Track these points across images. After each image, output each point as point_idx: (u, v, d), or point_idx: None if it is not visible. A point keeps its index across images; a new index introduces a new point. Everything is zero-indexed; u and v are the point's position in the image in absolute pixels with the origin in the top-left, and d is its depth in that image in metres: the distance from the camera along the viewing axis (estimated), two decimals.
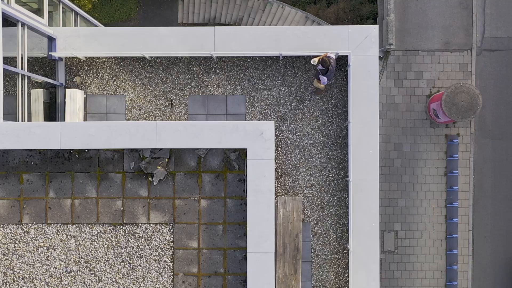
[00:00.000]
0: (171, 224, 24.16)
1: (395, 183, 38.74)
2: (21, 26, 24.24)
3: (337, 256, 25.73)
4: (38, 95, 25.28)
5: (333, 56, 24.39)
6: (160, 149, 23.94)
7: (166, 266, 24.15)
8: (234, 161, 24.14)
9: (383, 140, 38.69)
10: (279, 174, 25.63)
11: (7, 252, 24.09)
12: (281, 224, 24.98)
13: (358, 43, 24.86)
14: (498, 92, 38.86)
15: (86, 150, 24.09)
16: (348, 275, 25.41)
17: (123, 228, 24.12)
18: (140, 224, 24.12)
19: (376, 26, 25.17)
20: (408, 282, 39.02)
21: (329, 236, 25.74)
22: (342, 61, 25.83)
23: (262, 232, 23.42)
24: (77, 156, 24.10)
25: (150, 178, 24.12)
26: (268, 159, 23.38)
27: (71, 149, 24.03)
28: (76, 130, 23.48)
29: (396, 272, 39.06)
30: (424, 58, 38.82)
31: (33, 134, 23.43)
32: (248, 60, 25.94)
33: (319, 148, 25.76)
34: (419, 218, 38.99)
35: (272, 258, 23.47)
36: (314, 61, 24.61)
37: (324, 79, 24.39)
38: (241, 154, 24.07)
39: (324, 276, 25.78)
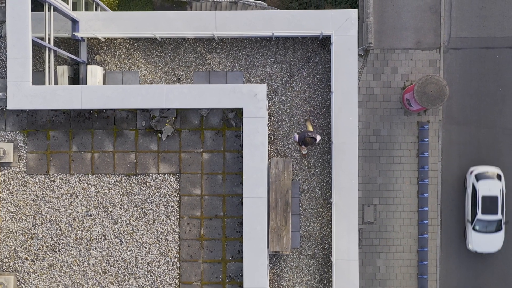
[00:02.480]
0: (178, 174, 24.06)
1: (374, 163, 38.56)
2: (48, 8, 24.06)
3: (322, 210, 25.51)
4: (64, 70, 25.13)
5: (318, 138, 24.47)
6: (168, 109, 23.83)
7: (173, 210, 24.04)
8: (232, 120, 24.04)
9: (363, 127, 38.58)
10: (272, 139, 25.43)
11: (36, 198, 23.98)
12: (273, 182, 24.79)
13: (340, 25, 24.74)
14: (463, 84, 38.75)
15: (104, 110, 24.00)
16: (331, 226, 25.16)
17: (136, 177, 24.01)
18: (150, 174, 24.02)
19: (355, 10, 25.04)
20: (385, 248, 38.81)
21: (315, 193, 25.52)
22: (326, 42, 25.66)
23: (256, 180, 23.31)
24: (96, 115, 24.01)
25: (159, 135, 24.06)
26: (261, 117, 23.27)
27: (91, 109, 23.95)
28: (95, 92, 23.38)
29: (375, 240, 38.86)
30: (399, 55, 38.71)
31: (58, 96, 23.33)
32: (245, 41, 25.83)
33: (306, 116, 25.58)
34: (394, 193, 38.79)
35: (264, 202, 23.34)
36: (295, 137, 24.72)
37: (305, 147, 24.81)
38: (238, 113, 23.98)
39: (311, 227, 25.55)
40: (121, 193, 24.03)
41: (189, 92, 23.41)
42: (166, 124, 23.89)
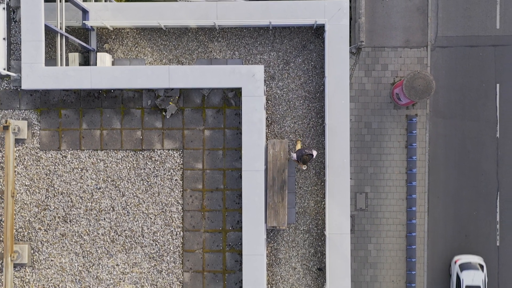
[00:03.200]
0: (181, 150, 24.16)
1: (366, 154, 38.67)
2: None
3: (316, 188, 25.62)
4: (75, 57, 25.29)
5: (314, 154, 24.60)
6: (172, 89, 23.95)
7: (177, 183, 24.11)
8: (232, 99, 24.17)
9: (355, 120, 38.72)
10: (269, 122, 25.58)
11: (48, 172, 24.09)
12: (271, 161, 24.92)
13: (333, 14, 24.88)
14: (448, 80, 38.90)
15: (112, 90, 24.13)
16: (325, 203, 25.24)
17: (142, 153, 24.11)
18: (156, 150, 24.12)
19: (347, 1, 25.18)
20: (376, 233, 38.88)
21: (309, 172, 25.64)
22: (320, 31, 25.84)
23: (254, 154, 23.41)
24: (104, 95, 24.14)
25: (163, 113, 24.14)
26: (259, 96, 23.38)
27: (100, 89, 24.05)
28: (103, 73, 23.56)
29: (366, 225, 38.92)
30: (389, 53, 38.88)
31: (69, 76, 23.50)
32: (244, 30, 25.97)
33: (301, 101, 25.72)
34: (385, 182, 38.89)
35: (262, 176, 23.44)
36: (293, 156, 24.85)
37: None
38: (237, 93, 24.10)
39: (306, 204, 25.65)
40: (128, 167, 24.13)
41: (191, 73, 23.56)
42: (170, 103, 23.99)
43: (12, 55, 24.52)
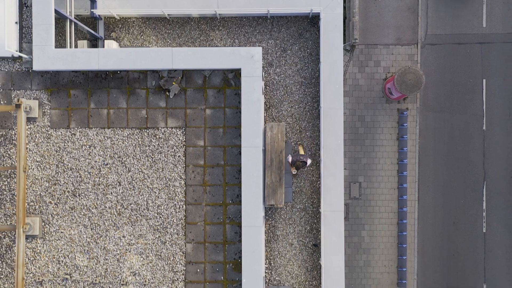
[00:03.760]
0: (184, 128, 24.25)
1: (359, 145, 38.76)
2: None
3: (311, 168, 25.76)
4: (83, 45, 25.45)
5: (308, 162, 24.78)
6: (175, 70, 24.07)
7: (180, 159, 24.20)
8: (232, 80, 24.29)
9: (350, 113, 38.83)
10: (267, 106, 25.73)
11: (58, 149, 24.19)
12: (269, 143, 25.05)
13: (328, 3, 25.05)
14: (438, 76, 39.04)
15: (118, 72, 24.23)
16: (320, 182, 25.34)
17: (147, 131, 24.22)
18: (160, 128, 24.21)
19: None
20: (369, 221, 38.91)
21: (305, 153, 25.70)
22: (315, 20, 26.02)
23: (252, 131, 23.49)
24: (111, 76, 24.26)
25: (167, 93, 24.25)
26: (257, 76, 23.51)
27: (107, 71, 24.16)
28: (110, 54, 23.70)
29: (360, 213, 38.97)
30: (381, 50, 39.02)
31: (77, 58, 23.65)
32: (244, 19, 26.15)
33: (298, 86, 25.87)
34: (377, 172, 38.95)
35: (260, 152, 23.54)
36: (289, 159, 25.03)
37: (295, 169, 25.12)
38: (237, 74, 24.21)
39: (302, 184, 25.78)
40: (133, 144, 24.22)
41: (193, 55, 23.71)
42: (173, 83, 24.10)
43: (23, 38, 24.70)
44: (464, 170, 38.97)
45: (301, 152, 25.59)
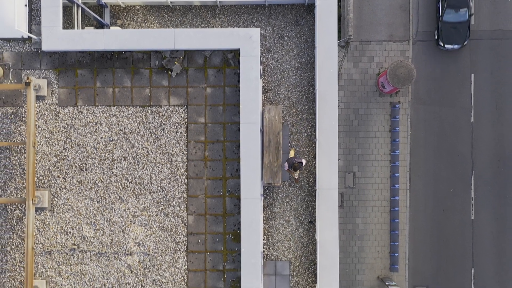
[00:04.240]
0: (185, 106, 24.32)
1: (354, 137, 38.93)
2: None
3: (307, 149, 25.83)
4: None
5: (303, 162, 24.95)
6: (177, 50, 24.16)
7: (182, 136, 24.26)
8: (231, 60, 24.37)
9: (344, 106, 39.03)
10: (266, 90, 25.85)
11: (66, 126, 24.27)
12: (267, 125, 25.16)
13: None
14: (428, 71, 39.28)
15: (123, 52, 24.33)
16: (315, 162, 25.43)
17: (150, 108, 24.29)
18: (162, 105, 24.29)
19: None
20: (363, 209, 39.02)
21: (301, 135, 25.86)
22: (311, 8, 26.16)
23: (251, 108, 23.55)
24: (116, 56, 24.36)
25: (169, 72, 24.30)
26: (255, 56, 23.60)
27: (112, 51, 24.26)
28: (115, 35, 23.83)
29: (354, 201, 39.09)
30: (374, 46, 39.26)
31: (84, 38, 23.80)
32: (243, 7, 26.30)
33: (294, 71, 26.00)
34: (371, 162, 39.10)
35: (258, 128, 23.58)
36: (285, 166, 25.18)
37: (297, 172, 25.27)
38: (236, 54, 24.28)
39: None
40: (137, 121, 24.29)
41: (194, 35, 23.82)
42: (176, 63, 24.21)
43: (33, 20, 24.84)
44: (453, 160, 39.12)
45: (292, 155, 25.73)
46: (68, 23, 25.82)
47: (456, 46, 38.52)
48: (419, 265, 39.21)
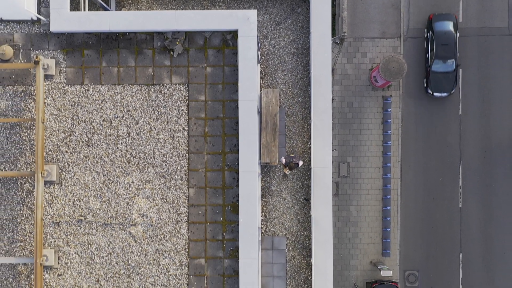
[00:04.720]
0: (187, 84, 24.41)
1: (348, 129, 39.13)
2: None
3: (303, 130, 26.00)
4: None
5: (300, 163, 25.20)
6: (179, 31, 24.27)
7: (183, 113, 24.35)
8: (230, 40, 24.49)
9: (339, 100, 39.24)
10: (263, 74, 26.06)
11: (73, 103, 24.39)
12: (264, 107, 25.34)
13: None
14: (418, 66, 39.55)
15: (127, 33, 24.45)
16: (310, 143, 25.58)
17: (153, 87, 24.39)
18: (165, 84, 24.38)
19: None
20: (357, 197, 39.16)
21: (297, 117, 26.04)
22: None
23: (248, 86, 23.64)
24: (121, 37, 24.48)
25: (171, 53, 24.40)
26: (253, 36, 23.71)
27: (117, 33, 24.38)
28: (120, 17, 23.96)
29: (348, 190, 39.23)
30: (367, 43, 39.52)
31: (90, 20, 23.93)
32: None
33: (290, 56, 26.20)
34: (364, 153, 39.28)
35: (255, 105, 23.67)
36: (282, 161, 25.42)
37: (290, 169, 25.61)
38: (234, 36, 24.39)
39: (294, 144, 26.03)
40: (141, 99, 24.39)
41: (195, 17, 23.93)
42: (177, 43, 24.35)
43: (42, 3, 24.96)
44: (442, 151, 39.31)
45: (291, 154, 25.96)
46: (76, 10, 25.91)
47: (444, 94, 38.89)
48: (410, 250, 39.31)
